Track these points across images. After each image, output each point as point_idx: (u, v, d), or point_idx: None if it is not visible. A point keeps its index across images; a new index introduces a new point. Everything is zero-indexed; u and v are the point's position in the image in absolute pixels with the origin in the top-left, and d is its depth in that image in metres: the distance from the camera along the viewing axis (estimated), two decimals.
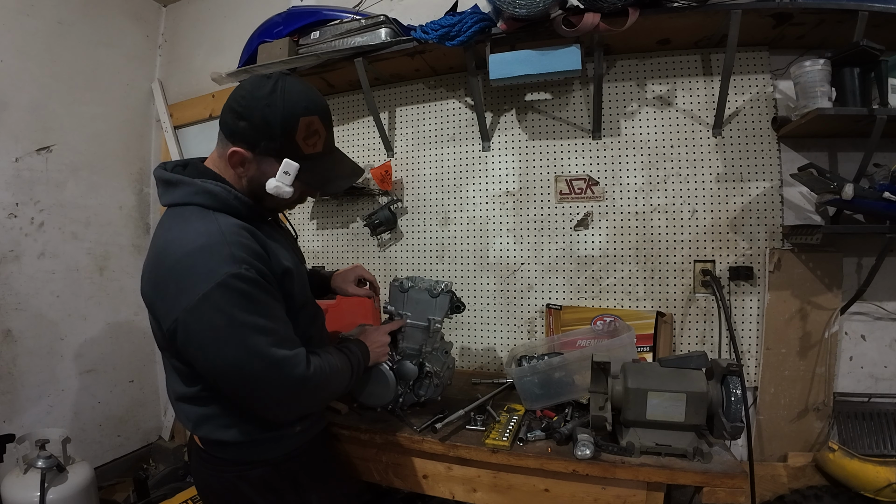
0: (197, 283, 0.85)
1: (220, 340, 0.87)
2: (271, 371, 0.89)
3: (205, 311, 0.85)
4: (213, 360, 0.89)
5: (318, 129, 0.99)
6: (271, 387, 0.91)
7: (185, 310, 0.86)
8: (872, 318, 1.68)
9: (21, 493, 1.72)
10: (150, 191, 2.82)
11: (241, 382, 0.90)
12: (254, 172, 0.99)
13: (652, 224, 1.86)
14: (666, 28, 1.66)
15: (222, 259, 0.87)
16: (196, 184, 0.96)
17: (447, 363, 1.56)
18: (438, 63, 2.00)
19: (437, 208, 2.14)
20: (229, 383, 0.92)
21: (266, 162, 0.98)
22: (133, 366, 2.66)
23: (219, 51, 2.62)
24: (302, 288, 1.10)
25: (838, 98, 1.49)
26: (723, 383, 1.15)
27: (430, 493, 1.39)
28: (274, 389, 0.92)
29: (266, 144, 0.95)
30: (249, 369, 0.88)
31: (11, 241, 2.15)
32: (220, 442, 1.04)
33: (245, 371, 0.88)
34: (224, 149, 0.99)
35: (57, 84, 2.33)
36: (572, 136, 1.96)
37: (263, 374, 0.89)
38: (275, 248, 1.01)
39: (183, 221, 0.94)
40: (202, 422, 1.03)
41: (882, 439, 1.61)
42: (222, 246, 0.89)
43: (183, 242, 0.89)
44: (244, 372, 0.88)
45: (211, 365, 0.90)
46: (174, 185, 0.98)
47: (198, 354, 0.90)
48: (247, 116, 0.94)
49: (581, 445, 1.17)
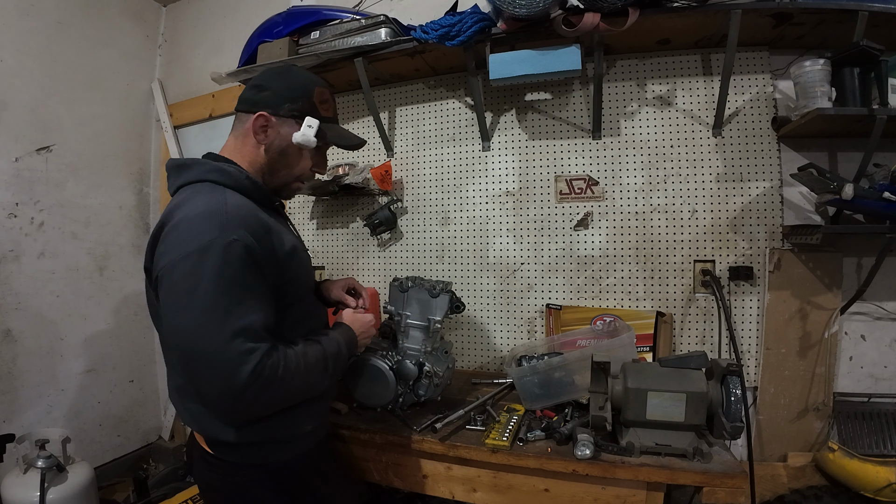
0: (184, 243, 0.86)
1: (179, 304, 0.85)
2: (217, 356, 0.82)
3: (181, 269, 0.84)
4: (169, 322, 0.87)
5: (328, 98, 1.13)
6: (214, 374, 0.83)
7: (166, 265, 0.86)
8: (872, 318, 1.68)
9: (21, 493, 1.72)
10: (149, 191, 2.82)
11: (187, 357, 0.86)
12: (275, 137, 1.06)
13: (652, 224, 1.86)
14: (666, 28, 1.66)
15: (214, 226, 0.87)
16: (209, 163, 1.02)
17: (447, 363, 1.56)
18: (438, 63, 2.00)
19: (437, 208, 2.14)
20: (180, 354, 0.89)
21: (287, 124, 1.06)
22: (133, 366, 2.66)
23: (219, 51, 2.62)
24: (307, 275, 1.11)
25: (838, 98, 1.49)
26: (723, 383, 1.15)
27: (430, 493, 1.39)
28: (214, 376, 0.83)
29: (289, 106, 1.05)
30: (197, 345, 0.83)
31: (11, 241, 2.15)
32: (229, 444, 0.99)
33: (194, 346, 0.83)
34: (245, 123, 1.06)
35: (57, 84, 2.33)
36: (572, 136, 1.96)
37: (209, 355, 0.82)
38: (278, 230, 1.01)
39: (194, 193, 0.96)
40: (213, 422, 0.98)
41: (882, 439, 1.61)
42: (220, 215, 0.89)
43: (185, 210, 0.91)
44: (193, 346, 0.83)
45: (167, 328, 0.88)
46: (187, 166, 1.02)
47: (164, 315, 0.88)
48: (269, 87, 1.07)
49: (581, 445, 1.17)
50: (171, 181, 1.04)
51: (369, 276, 2.26)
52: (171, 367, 1.05)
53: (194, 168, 1.02)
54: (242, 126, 1.07)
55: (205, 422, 1.00)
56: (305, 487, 1.08)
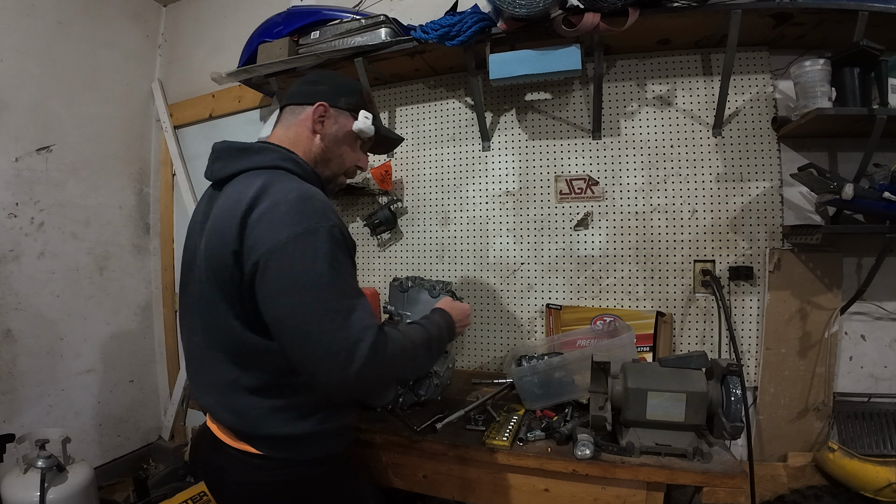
0: (289, 225, 0.84)
1: (297, 284, 0.82)
2: (336, 334, 0.82)
3: (293, 249, 0.83)
4: (283, 303, 0.83)
5: (372, 99, 1.20)
6: (334, 351, 0.82)
7: (270, 249, 0.83)
8: (872, 318, 1.68)
9: (21, 493, 1.72)
10: (149, 191, 2.82)
11: (301, 338, 0.83)
12: (331, 127, 1.10)
13: (652, 224, 1.86)
14: (666, 28, 1.66)
15: (317, 210, 0.88)
16: (283, 151, 1.02)
17: (447, 363, 1.56)
18: (438, 63, 2.00)
19: (437, 208, 2.14)
20: (292, 335, 0.84)
21: (343, 116, 1.11)
22: (133, 366, 2.66)
23: (219, 51, 2.62)
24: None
25: (838, 98, 1.49)
26: (723, 383, 1.15)
27: (429, 493, 1.39)
28: (335, 356, 0.82)
29: (346, 100, 1.11)
30: (314, 325, 0.82)
31: (11, 241, 2.14)
32: (288, 438, 0.96)
33: (313, 324, 0.81)
34: (300, 114, 1.09)
35: (57, 84, 2.33)
36: (572, 135, 1.96)
37: (332, 333, 0.82)
38: None
39: (274, 178, 0.93)
40: (271, 416, 0.94)
41: (882, 439, 1.61)
42: (316, 201, 0.90)
43: (277, 193, 0.88)
44: (312, 324, 0.81)
45: (279, 310, 0.84)
46: (255, 151, 1.00)
47: (269, 298, 0.85)
48: (325, 82, 1.13)
49: (581, 445, 1.17)
50: (227, 163, 1.01)
51: (369, 276, 2.26)
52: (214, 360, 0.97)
53: (264, 154, 1.00)
54: (295, 117, 1.09)
55: (260, 417, 0.94)
56: (352, 481, 1.09)
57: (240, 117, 2.58)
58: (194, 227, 1.06)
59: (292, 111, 1.11)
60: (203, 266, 0.96)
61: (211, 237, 0.95)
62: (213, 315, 0.95)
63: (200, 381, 1.04)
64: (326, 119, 1.09)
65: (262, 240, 0.85)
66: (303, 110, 1.09)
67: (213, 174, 1.04)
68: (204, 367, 1.01)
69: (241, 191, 0.93)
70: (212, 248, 0.94)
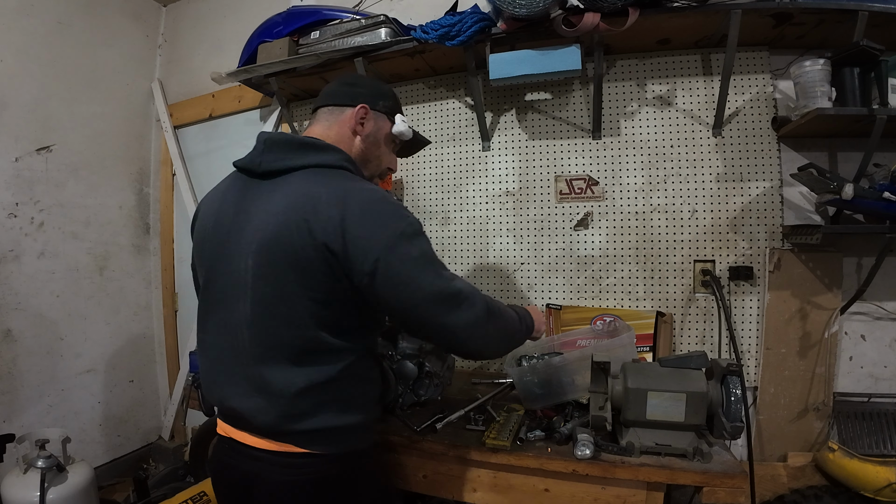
0: (390, 223, 0.91)
1: (419, 270, 0.92)
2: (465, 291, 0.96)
3: (403, 246, 0.91)
4: (413, 290, 0.91)
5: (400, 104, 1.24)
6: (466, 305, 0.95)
7: (387, 243, 0.89)
8: (872, 318, 1.68)
9: (21, 493, 1.72)
10: (149, 191, 2.82)
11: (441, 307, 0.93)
12: (371, 128, 1.13)
13: (652, 224, 1.86)
14: (666, 28, 1.66)
15: (400, 208, 0.97)
16: (343, 152, 1.05)
17: (447, 363, 1.56)
18: (438, 63, 2.00)
19: (437, 208, 2.14)
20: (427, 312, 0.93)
21: (381, 118, 1.15)
22: (133, 366, 2.66)
23: (219, 51, 2.62)
24: None
25: (838, 98, 1.49)
26: (723, 383, 1.15)
27: (429, 493, 1.39)
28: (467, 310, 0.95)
29: (383, 103, 1.15)
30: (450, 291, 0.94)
31: (11, 241, 2.14)
32: (335, 430, 0.96)
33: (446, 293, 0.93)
34: (341, 115, 1.11)
35: (57, 84, 2.33)
36: (572, 136, 1.96)
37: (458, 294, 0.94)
38: None
39: (346, 179, 0.98)
40: (320, 410, 0.95)
41: (882, 439, 1.61)
42: (394, 199, 0.99)
43: (361, 194, 0.94)
44: (441, 293, 0.93)
45: (410, 296, 0.92)
46: (322, 149, 1.02)
47: (396, 290, 0.91)
48: (363, 85, 1.16)
49: (581, 445, 1.17)
50: (286, 156, 0.99)
51: None
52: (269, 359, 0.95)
53: (331, 153, 1.02)
54: (335, 118, 1.11)
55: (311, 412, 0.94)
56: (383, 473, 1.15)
57: (240, 117, 2.58)
58: (222, 219, 1.01)
59: (331, 111, 1.11)
60: (265, 262, 0.93)
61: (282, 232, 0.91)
62: (279, 311, 0.93)
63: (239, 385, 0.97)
64: (367, 121, 1.11)
65: (371, 239, 0.90)
66: (343, 111, 1.11)
67: (264, 165, 1.00)
68: (246, 367, 0.96)
69: (314, 188, 0.93)
70: (288, 244, 0.91)
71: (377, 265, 0.89)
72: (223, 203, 1.04)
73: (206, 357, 1.05)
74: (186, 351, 2.60)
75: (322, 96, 1.15)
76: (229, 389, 0.98)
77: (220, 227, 1.01)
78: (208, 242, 1.03)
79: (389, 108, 1.16)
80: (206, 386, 1.05)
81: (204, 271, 1.04)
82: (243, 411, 0.96)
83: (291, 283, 0.91)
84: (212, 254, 1.02)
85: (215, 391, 1.02)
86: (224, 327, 0.99)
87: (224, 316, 0.99)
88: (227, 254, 0.98)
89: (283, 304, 0.92)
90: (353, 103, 1.10)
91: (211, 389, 1.03)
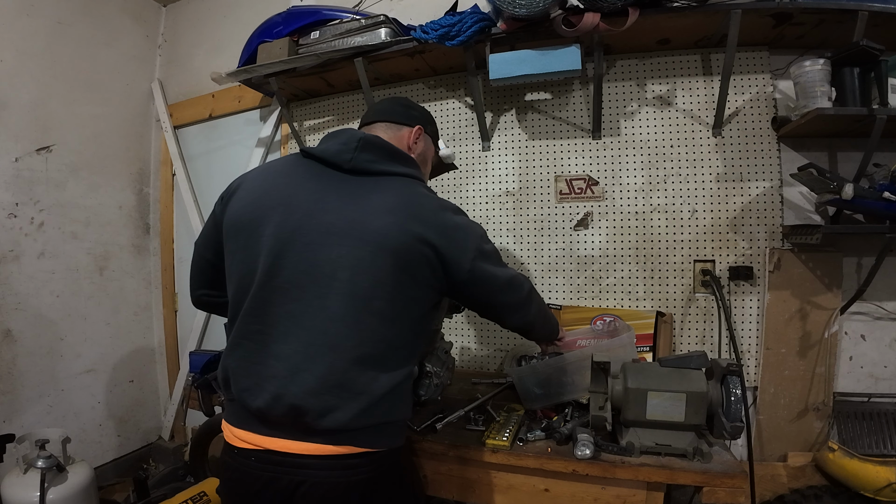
0: (473, 234, 1.05)
1: (500, 264, 1.11)
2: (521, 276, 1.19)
3: (488, 246, 1.08)
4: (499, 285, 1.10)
5: None
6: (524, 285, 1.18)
7: (476, 249, 1.03)
8: (872, 317, 1.68)
9: (21, 493, 1.72)
10: (149, 191, 2.82)
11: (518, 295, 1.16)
12: (423, 147, 1.24)
13: (652, 224, 1.86)
14: (666, 28, 1.66)
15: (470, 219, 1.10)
16: (416, 164, 1.16)
17: (447, 363, 1.56)
18: (438, 63, 2.00)
19: None
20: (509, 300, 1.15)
21: (429, 141, 1.27)
22: (133, 366, 2.66)
23: (219, 51, 2.62)
24: None
25: (838, 98, 1.49)
26: (723, 383, 1.15)
27: (429, 493, 1.39)
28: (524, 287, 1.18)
29: (430, 128, 1.27)
30: (520, 281, 1.17)
31: (11, 241, 2.14)
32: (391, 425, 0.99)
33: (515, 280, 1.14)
34: (398, 131, 1.19)
35: (57, 84, 2.33)
36: (572, 135, 1.96)
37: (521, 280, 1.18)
38: None
39: (430, 191, 1.11)
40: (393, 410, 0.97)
41: (882, 439, 1.61)
42: None
43: (448, 206, 1.06)
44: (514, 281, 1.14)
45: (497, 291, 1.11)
46: (403, 158, 1.10)
47: (483, 288, 1.08)
48: (416, 108, 1.27)
49: (581, 445, 1.16)
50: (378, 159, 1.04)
51: None
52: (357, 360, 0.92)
53: (409, 164, 1.11)
54: (394, 133, 1.18)
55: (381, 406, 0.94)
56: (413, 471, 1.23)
57: (240, 117, 2.58)
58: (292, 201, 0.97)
59: (389, 127, 1.19)
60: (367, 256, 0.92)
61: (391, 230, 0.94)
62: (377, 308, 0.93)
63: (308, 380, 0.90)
64: (420, 141, 1.22)
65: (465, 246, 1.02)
66: (400, 129, 1.20)
67: (356, 162, 1.00)
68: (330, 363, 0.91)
69: (415, 196, 1.03)
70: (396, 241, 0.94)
71: (471, 273, 1.02)
72: (288, 186, 0.99)
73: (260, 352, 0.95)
74: (186, 351, 2.60)
75: (377, 112, 1.22)
76: (295, 387, 0.90)
77: (292, 211, 0.96)
78: (267, 225, 0.96)
79: (434, 133, 1.30)
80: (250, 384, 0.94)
81: (269, 260, 0.94)
82: (309, 408, 0.90)
83: (393, 279, 0.95)
84: (277, 238, 0.94)
85: (268, 388, 0.92)
86: (298, 320, 0.92)
87: (297, 308, 0.93)
88: (304, 242, 0.93)
89: (383, 300, 0.94)
90: (410, 123, 1.21)
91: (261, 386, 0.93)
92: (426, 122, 1.26)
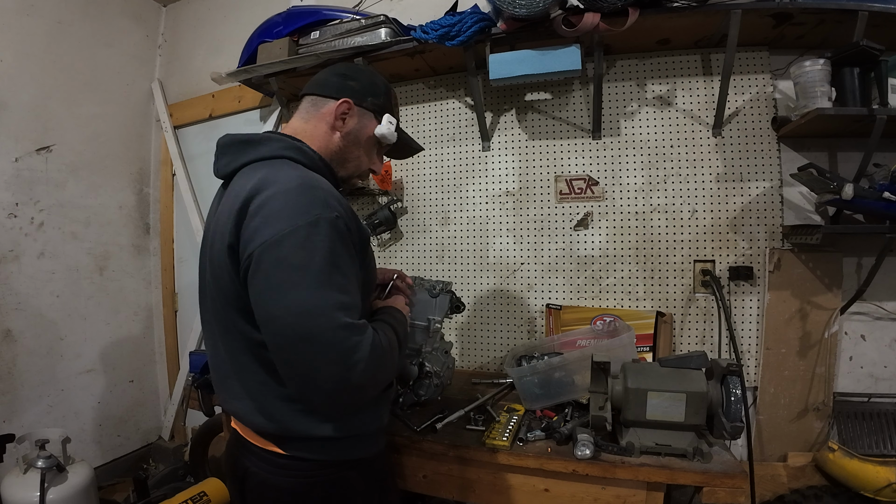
0: (285, 218, 0.80)
1: (290, 282, 0.77)
2: (336, 334, 0.77)
3: (285, 246, 0.78)
4: (275, 303, 0.78)
5: (398, 104, 1.16)
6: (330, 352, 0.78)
7: (263, 244, 0.79)
8: (872, 318, 1.68)
9: (21, 493, 1.72)
10: (149, 191, 2.82)
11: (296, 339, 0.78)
12: (354, 125, 1.05)
13: (652, 224, 1.86)
14: (666, 28, 1.66)
15: (317, 201, 0.83)
16: (286, 140, 0.97)
17: (447, 363, 1.56)
18: (438, 63, 2.00)
19: (436, 208, 2.14)
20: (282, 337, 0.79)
21: (367, 117, 1.07)
22: (133, 366, 2.66)
23: (219, 51, 2.62)
24: (374, 269, 1.06)
25: (838, 98, 1.49)
26: (723, 383, 1.15)
27: (429, 493, 1.39)
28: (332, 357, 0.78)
29: (372, 100, 1.06)
30: (312, 324, 0.77)
31: (11, 241, 2.14)
32: (321, 439, 0.92)
33: (306, 325, 0.77)
34: (321, 108, 1.04)
35: (57, 84, 2.33)
36: (572, 136, 1.96)
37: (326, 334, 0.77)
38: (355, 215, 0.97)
39: (275, 168, 0.90)
40: (302, 417, 0.90)
41: (882, 439, 1.61)
42: (319, 190, 0.86)
43: (277, 183, 0.84)
44: (305, 325, 0.77)
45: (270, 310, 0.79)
46: (258, 142, 0.96)
47: (261, 296, 0.80)
48: (356, 78, 1.07)
49: (581, 445, 1.17)
50: (231, 158, 0.97)
51: None
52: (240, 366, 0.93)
53: (268, 144, 0.96)
54: (316, 110, 1.04)
55: (293, 418, 0.90)
56: (385, 484, 1.08)
57: (240, 117, 2.58)
58: (207, 231, 1.02)
59: (314, 102, 1.05)
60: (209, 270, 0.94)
61: (214, 238, 0.93)
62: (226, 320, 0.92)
63: (230, 388, 0.96)
64: (349, 117, 1.03)
65: (258, 232, 0.80)
66: (325, 104, 1.04)
67: (220, 170, 0.99)
68: (232, 374, 0.96)
69: (242, 185, 0.89)
70: (213, 250, 0.92)
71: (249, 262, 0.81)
72: (209, 216, 1.05)
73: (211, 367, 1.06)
74: (186, 351, 2.60)
75: (310, 83, 1.08)
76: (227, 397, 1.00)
77: (204, 242, 1.03)
78: (200, 257, 1.05)
79: (379, 106, 1.07)
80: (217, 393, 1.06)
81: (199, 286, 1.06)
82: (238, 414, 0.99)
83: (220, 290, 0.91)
84: (200, 269, 1.05)
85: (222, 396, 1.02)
86: (211, 339, 1.01)
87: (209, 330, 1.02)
88: (205, 268, 1.00)
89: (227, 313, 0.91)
90: (336, 96, 1.03)
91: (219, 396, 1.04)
92: (363, 94, 1.05)
